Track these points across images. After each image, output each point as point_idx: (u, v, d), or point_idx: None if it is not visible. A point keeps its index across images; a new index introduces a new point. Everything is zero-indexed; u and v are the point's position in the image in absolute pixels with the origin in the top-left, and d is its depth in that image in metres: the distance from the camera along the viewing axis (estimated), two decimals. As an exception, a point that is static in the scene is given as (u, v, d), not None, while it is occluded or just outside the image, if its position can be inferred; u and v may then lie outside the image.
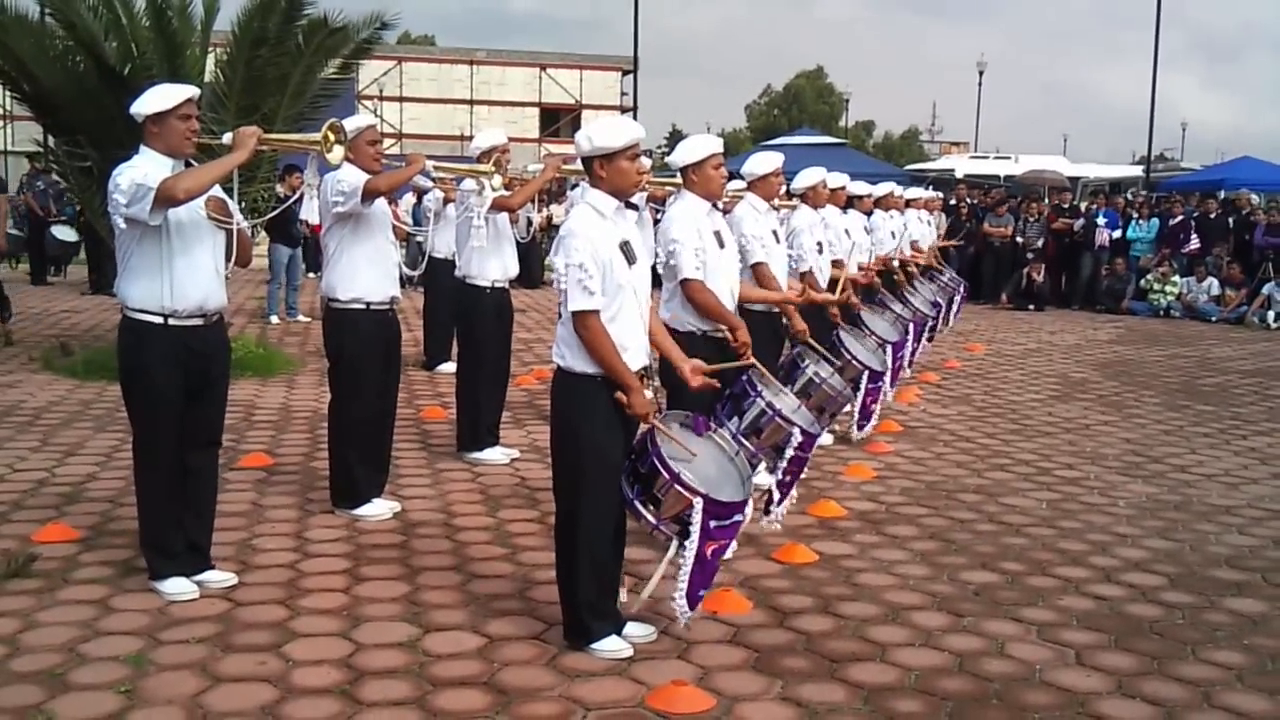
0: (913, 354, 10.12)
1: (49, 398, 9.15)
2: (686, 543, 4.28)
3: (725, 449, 4.69)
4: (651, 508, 4.33)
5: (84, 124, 10.03)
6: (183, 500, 5.01)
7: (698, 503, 4.24)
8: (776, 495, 5.54)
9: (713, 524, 4.26)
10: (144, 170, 4.66)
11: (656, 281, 5.27)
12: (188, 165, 4.87)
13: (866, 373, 7.80)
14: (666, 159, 8.93)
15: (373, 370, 6.13)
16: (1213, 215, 19.15)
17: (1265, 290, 17.18)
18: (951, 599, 5.18)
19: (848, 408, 7.49)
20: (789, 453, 5.46)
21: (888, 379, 8.36)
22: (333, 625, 4.70)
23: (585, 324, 4.28)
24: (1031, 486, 7.19)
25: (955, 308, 13.91)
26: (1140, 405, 10.13)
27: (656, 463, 4.26)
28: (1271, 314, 16.90)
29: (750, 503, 4.57)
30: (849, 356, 7.69)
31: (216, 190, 4.82)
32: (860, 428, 8.07)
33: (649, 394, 4.46)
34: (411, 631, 4.65)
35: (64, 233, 18.51)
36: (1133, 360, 13.10)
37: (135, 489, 5.05)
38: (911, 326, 9.90)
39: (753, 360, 5.54)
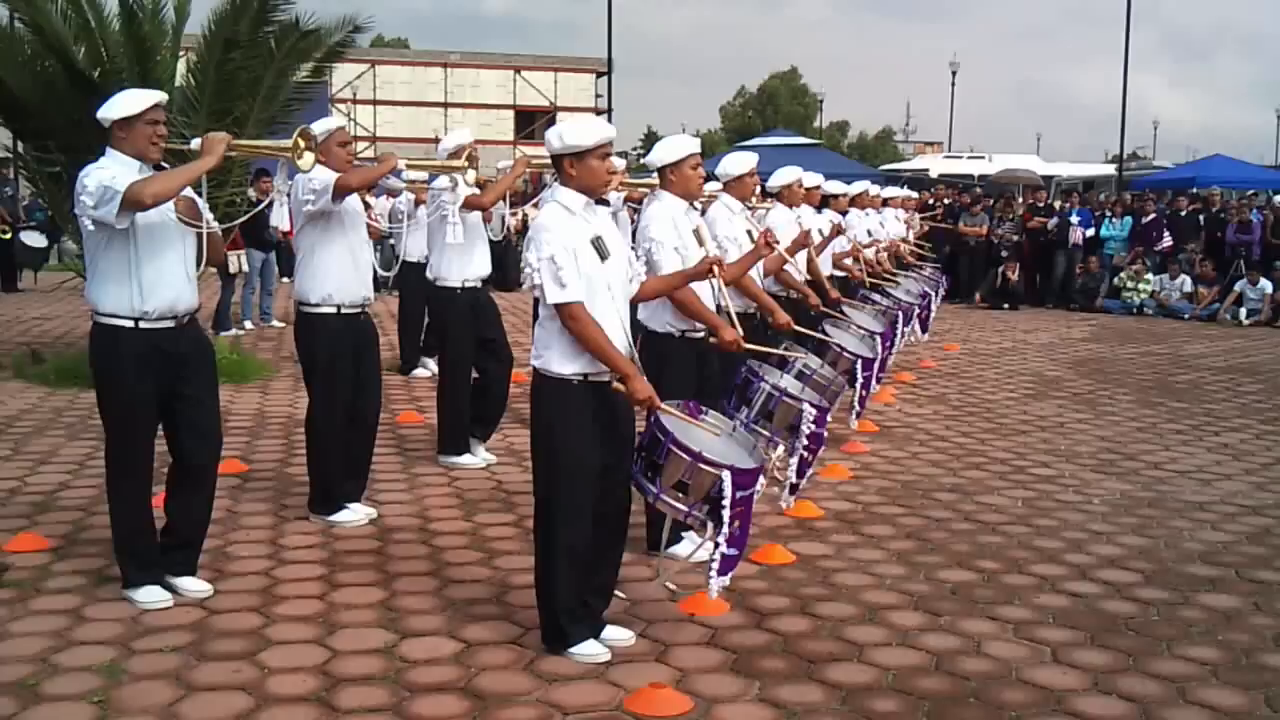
0: (898, 343, 10.23)
1: (20, 406, 9.07)
2: (721, 518, 4.29)
3: (721, 428, 4.70)
4: (679, 495, 4.32)
5: (53, 129, 9.94)
6: (175, 497, 5.01)
7: (726, 475, 4.24)
8: (794, 477, 5.70)
9: (739, 494, 4.26)
10: (111, 172, 4.62)
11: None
12: (157, 169, 4.83)
13: (860, 360, 7.82)
14: (642, 160, 8.93)
15: (345, 374, 6.09)
16: (1183, 213, 19.29)
17: (1237, 287, 17.31)
18: (928, 598, 5.19)
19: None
20: (805, 429, 5.52)
21: (875, 368, 8.42)
22: (308, 632, 4.67)
23: (571, 315, 4.26)
24: (1007, 485, 7.22)
25: (936, 299, 13.97)
26: (1114, 403, 10.18)
27: (674, 448, 4.26)
28: (1244, 311, 17.04)
29: (764, 470, 4.59)
30: (838, 349, 7.72)
31: (186, 190, 4.79)
32: (858, 416, 8.22)
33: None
34: (388, 637, 4.63)
35: (33, 239, 18.35)
36: (1106, 358, 13.18)
37: (108, 496, 5.01)
38: (900, 315, 9.97)
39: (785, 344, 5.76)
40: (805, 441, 5.62)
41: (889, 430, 8.74)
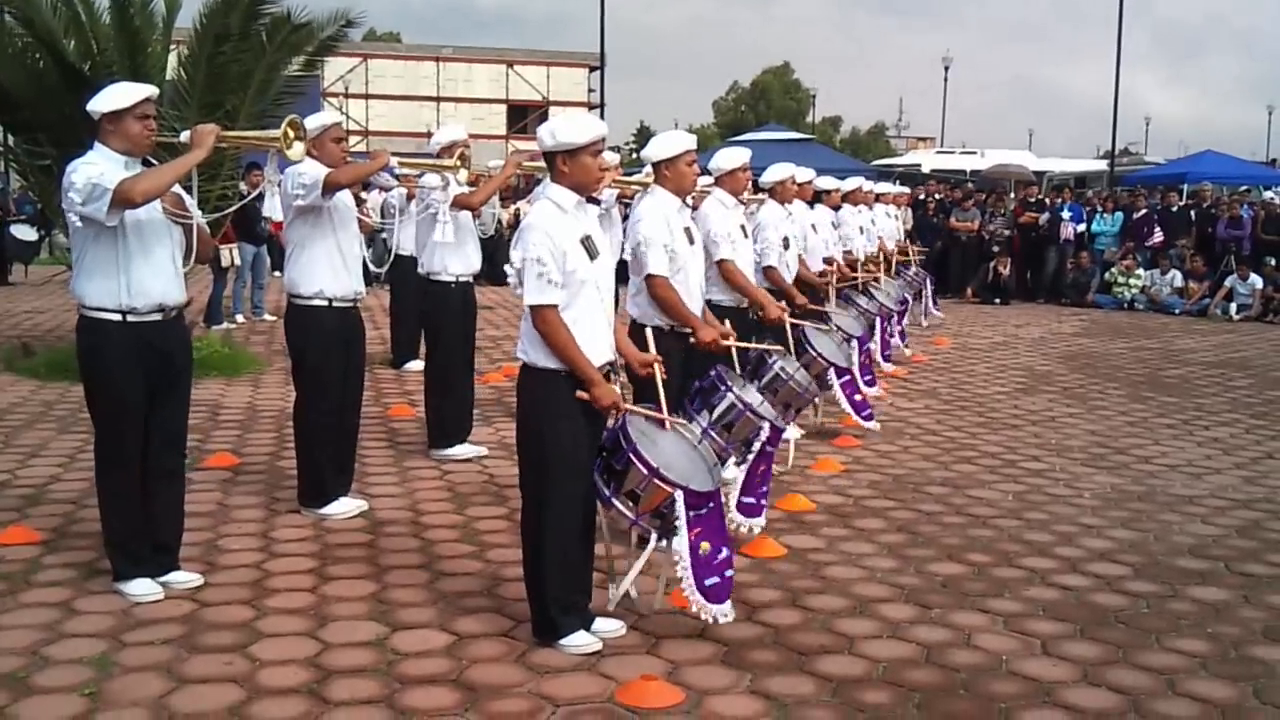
0: (885, 347, 10.22)
1: (10, 399, 9.05)
2: (676, 540, 4.28)
3: (688, 438, 4.69)
4: (630, 503, 4.32)
5: (43, 122, 9.92)
6: (149, 501, 4.96)
7: (679, 495, 4.24)
8: (749, 500, 5.56)
9: (692, 514, 4.26)
10: (100, 168, 4.60)
11: (623, 278, 5.27)
12: (145, 163, 4.82)
13: (831, 369, 7.83)
14: (635, 155, 8.92)
15: (336, 367, 6.09)
16: (1174, 209, 19.33)
17: (1228, 282, 17.36)
18: (919, 591, 5.20)
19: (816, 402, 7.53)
20: (756, 446, 5.49)
21: (856, 373, 8.39)
22: (300, 625, 4.67)
23: (543, 318, 4.28)
24: (998, 479, 7.24)
25: (926, 302, 14.01)
26: (1105, 397, 10.21)
27: (633, 458, 4.26)
28: (1234, 306, 17.08)
29: (721, 492, 4.57)
30: (814, 352, 7.70)
31: (174, 185, 4.78)
32: (864, 422, 8.18)
33: (615, 388, 4.46)
34: (379, 630, 4.63)
35: (24, 232, 18.30)
36: (1097, 353, 13.21)
37: (98, 490, 5.01)
38: (878, 321, 9.97)
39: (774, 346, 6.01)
40: (753, 457, 5.55)
41: (880, 424, 8.75)
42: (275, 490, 6.59)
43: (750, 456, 5.48)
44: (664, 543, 4.40)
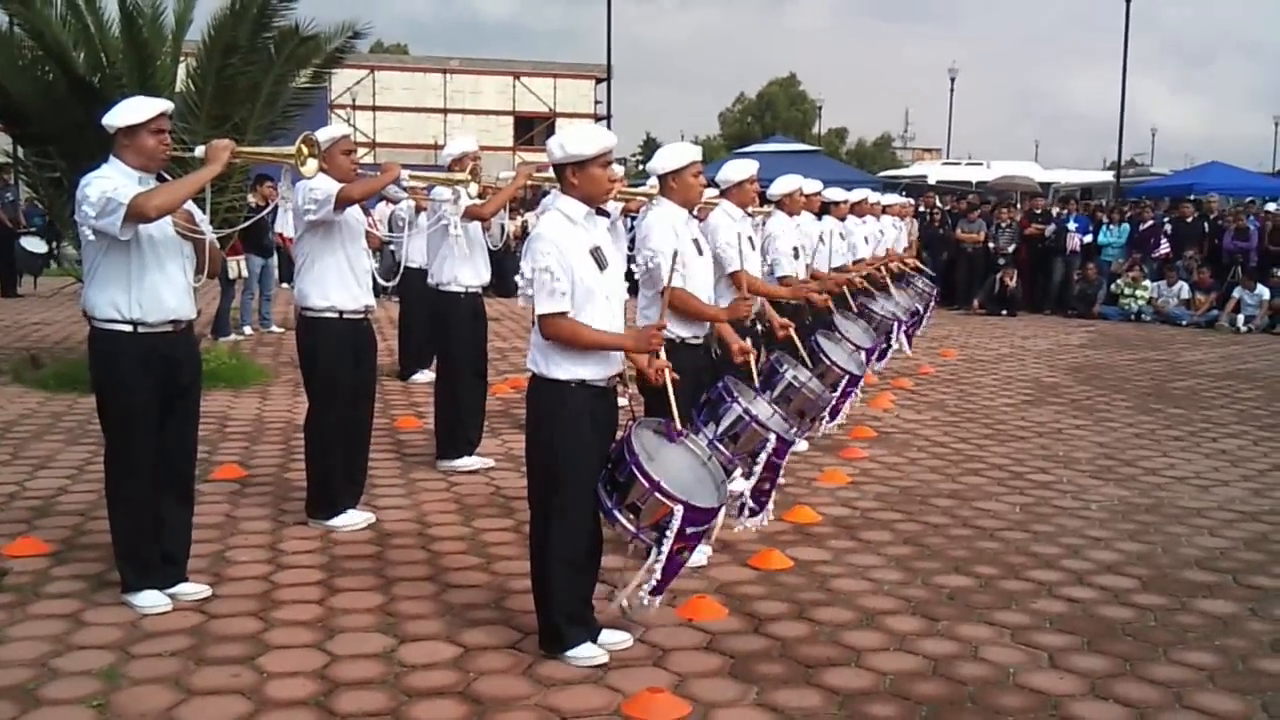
0: (882, 356, 10.20)
1: (19, 410, 9.07)
2: (662, 545, 4.28)
3: (698, 454, 4.70)
4: (631, 516, 4.33)
5: (53, 134, 9.96)
6: (158, 513, 4.98)
7: (678, 510, 4.24)
8: (752, 504, 5.56)
9: (689, 530, 4.27)
10: (114, 183, 4.63)
11: (631, 291, 5.26)
12: (159, 178, 4.84)
13: (847, 377, 7.82)
14: (641, 167, 8.95)
15: (346, 379, 6.12)
16: (1189, 220, 19.31)
17: (1236, 294, 17.34)
18: (926, 603, 5.20)
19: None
20: (762, 457, 5.48)
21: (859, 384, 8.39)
22: (307, 637, 4.68)
23: (555, 326, 4.29)
24: (1004, 491, 7.23)
25: (926, 313, 14.01)
26: (1112, 409, 10.20)
27: (635, 471, 4.26)
28: (1241, 318, 17.06)
29: (723, 509, 4.57)
30: (828, 361, 7.70)
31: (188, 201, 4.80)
32: (829, 420, 8.10)
33: (623, 401, 4.46)
34: (386, 642, 4.63)
35: (33, 244, 18.34)
36: (1104, 364, 13.19)
37: (108, 501, 5.02)
38: (896, 326, 9.98)
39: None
40: (760, 469, 5.54)
41: (887, 436, 8.76)
42: (283, 502, 6.60)
43: (757, 469, 5.48)
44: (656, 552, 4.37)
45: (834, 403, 7.89)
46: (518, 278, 4.42)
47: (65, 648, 4.52)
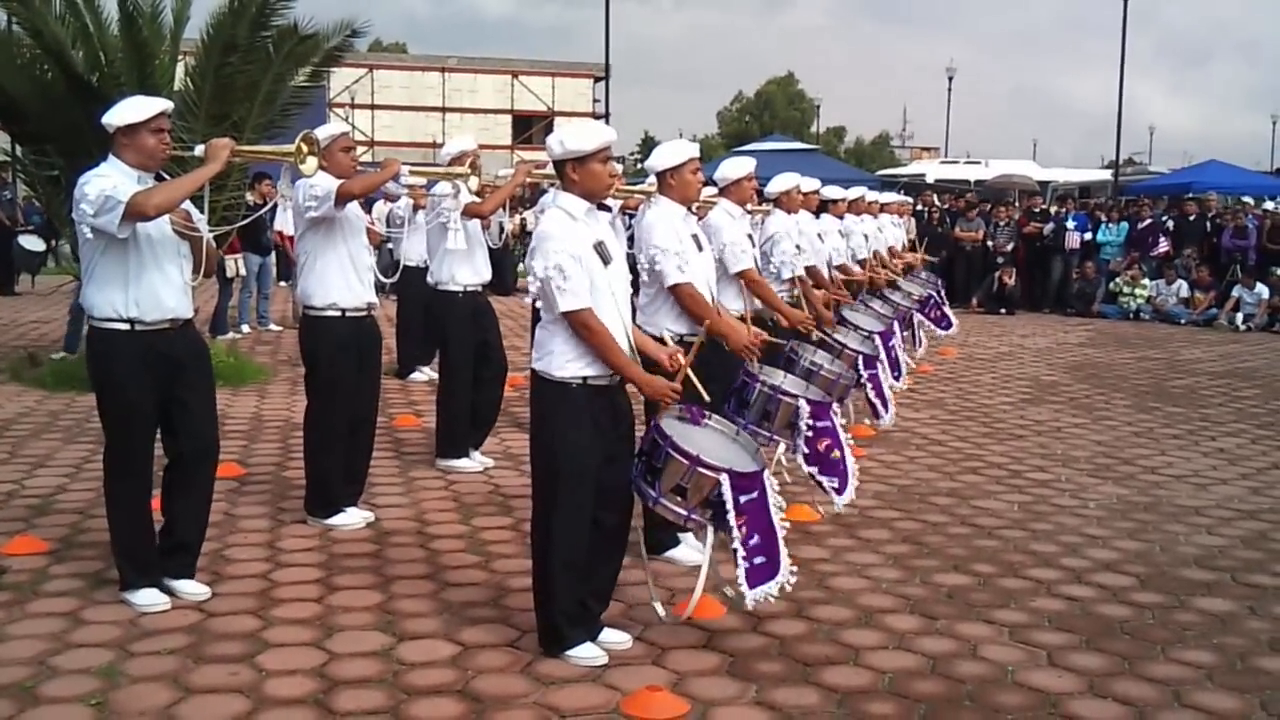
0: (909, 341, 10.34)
1: (17, 409, 9.07)
2: (725, 525, 4.29)
3: (725, 432, 4.72)
4: (678, 499, 4.33)
5: (51, 133, 9.95)
6: (173, 500, 5.01)
7: (724, 479, 4.25)
8: (831, 482, 5.83)
9: (742, 499, 4.27)
10: (113, 181, 4.62)
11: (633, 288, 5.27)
12: (158, 177, 4.84)
13: (861, 358, 7.92)
14: (640, 165, 8.96)
15: (348, 377, 6.11)
16: (1191, 218, 19.31)
17: (1235, 292, 17.35)
18: (924, 601, 5.20)
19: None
20: (802, 425, 5.56)
21: (885, 368, 8.53)
22: (306, 635, 4.68)
23: (583, 323, 4.28)
24: (1003, 489, 7.24)
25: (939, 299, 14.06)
26: (1110, 407, 10.20)
27: (672, 452, 4.27)
28: (1239, 316, 17.07)
29: (768, 473, 4.57)
30: (840, 345, 7.82)
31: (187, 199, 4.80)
32: (880, 416, 8.37)
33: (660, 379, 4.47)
34: (385, 640, 4.63)
35: (31, 242, 18.32)
36: (1103, 363, 13.20)
37: (106, 498, 5.01)
38: (896, 321, 10.03)
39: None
40: (807, 435, 5.67)
41: (886, 434, 8.75)
42: (281, 500, 6.60)
43: (800, 440, 5.56)
44: (722, 532, 4.39)
45: (873, 394, 8.10)
46: (529, 279, 4.41)
47: (64, 646, 4.52)
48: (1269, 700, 4.25)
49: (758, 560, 4.39)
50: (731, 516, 4.28)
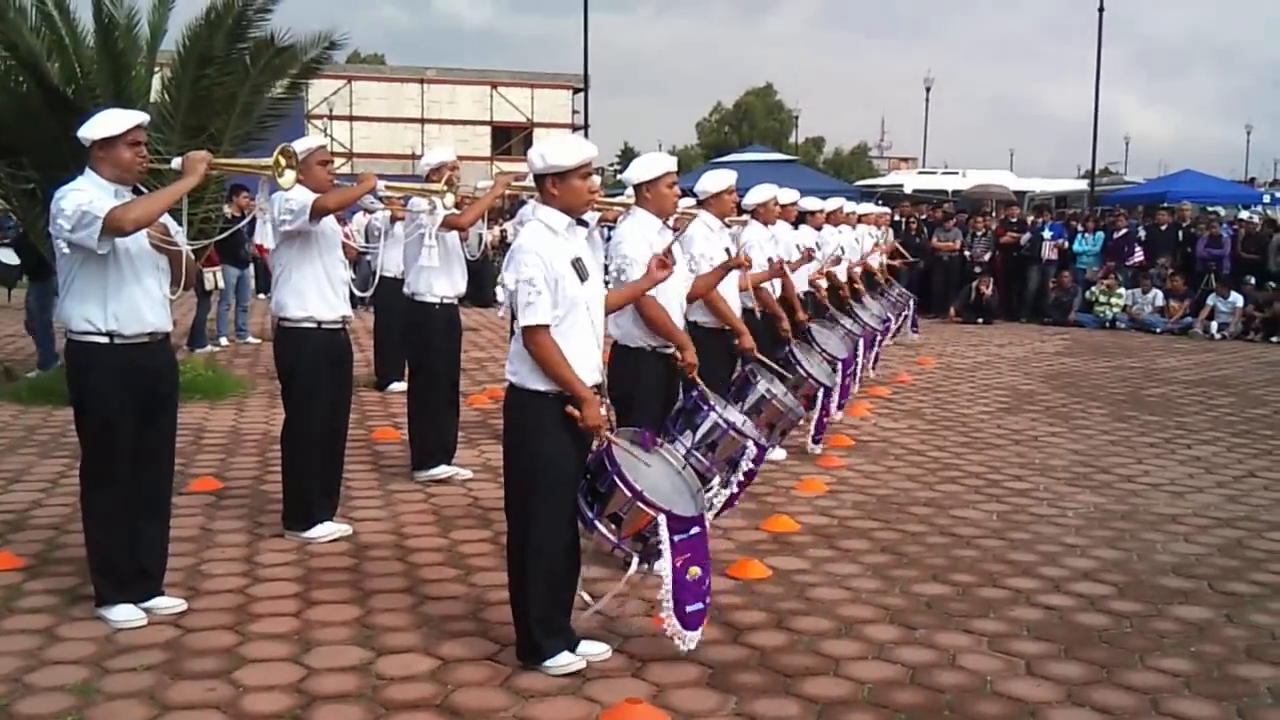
0: (860, 370, 10.22)
1: (-8, 423, 9.00)
2: (660, 564, 4.28)
3: (673, 463, 4.71)
4: (612, 526, 4.33)
5: (27, 146, 9.88)
6: (135, 525, 4.94)
7: (661, 519, 4.25)
8: (719, 507, 5.60)
9: (676, 538, 4.27)
10: (89, 195, 4.60)
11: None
12: (135, 191, 4.82)
13: (822, 389, 7.90)
14: (619, 176, 8.97)
15: (324, 389, 6.09)
16: (1164, 227, 19.46)
17: (1209, 301, 17.47)
18: (903, 612, 5.21)
19: (801, 423, 7.53)
20: (744, 465, 5.51)
21: (835, 395, 8.44)
22: (283, 650, 4.65)
23: (535, 339, 4.28)
24: (981, 498, 7.26)
25: (911, 321, 14.09)
26: (1087, 416, 10.25)
27: (617, 481, 4.26)
28: (1214, 325, 17.19)
29: (705, 517, 4.57)
30: (804, 372, 7.76)
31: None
32: (816, 441, 8.16)
33: (602, 411, 4.46)
34: (363, 655, 4.61)
35: (6, 255, 18.17)
36: (1079, 372, 13.27)
37: (82, 513, 4.98)
38: (861, 342, 10.02)
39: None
40: (741, 478, 5.60)
41: (864, 444, 8.78)
42: (259, 514, 6.56)
43: (735, 479, 5.50)
44: (645, 566, 4.40)
45: (818, 419, 8.01)
46: (498, 288, 4.41)
47: (39, 663, 4.48)
48: (1246, 708, 4.28)
49: (690, 608, 4.36)
50: (667, 555, 4.24)
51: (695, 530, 4.39)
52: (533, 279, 4.26)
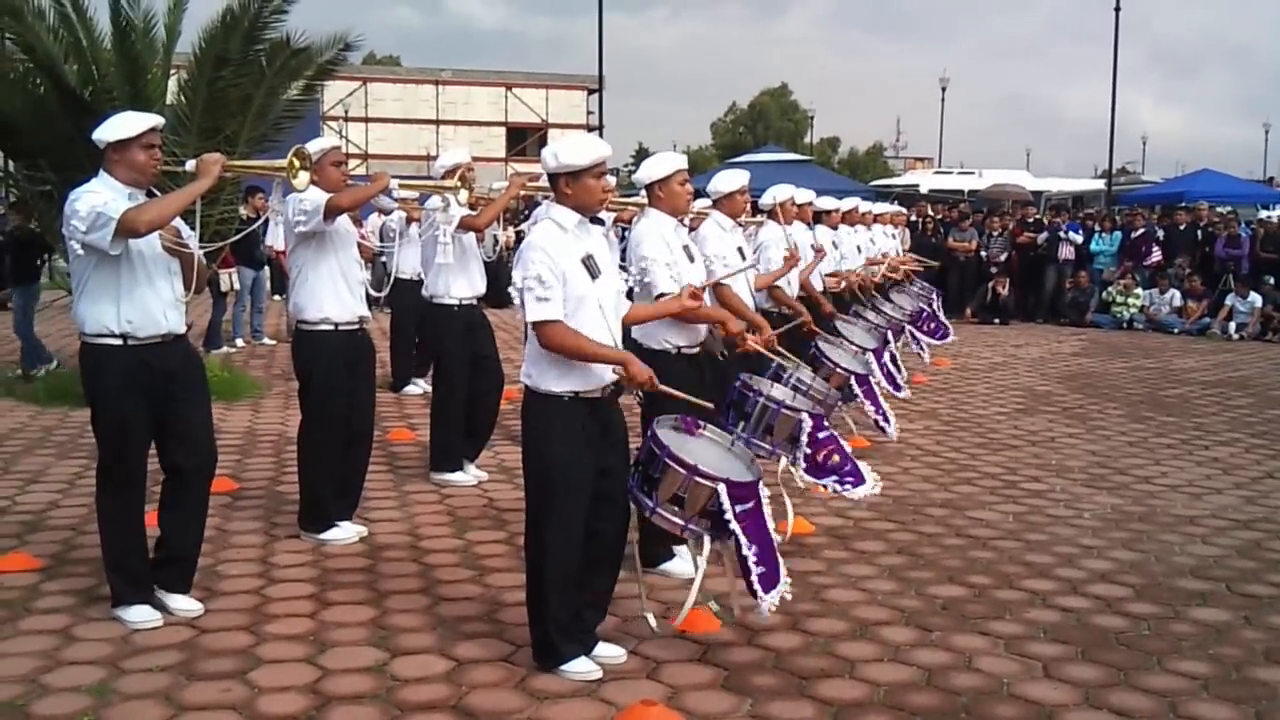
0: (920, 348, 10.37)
1: (10, 425, 9.04)
2: (729, 538, 4.32)
3: (720, 442, 4.73)
4: (675, 509, 4.33)
5: (44, 147, 9.93)
6: (169, 515, 4.99)
7: (721, 489, 4.26)
8: (843, 484, 5.93)
9: (738, 508, 4.28)
10: (104, 197, 4.62)
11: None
12: (149, 193, 4.83)
13: (853, 377, 7.95)
14: (633, 177, 8.98)
15: (341, 391, 6.10)
16: (1182, 227, 19.36)
17: (1228, 301, 17.37)
18: (919, 613, 5.19)
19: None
20: (803, 438, 5.58)
21: (879, 379, 8.59)
22: (299, 651, 4.66)
23: (548, 333, 4.27)
24: (998, 500, 7.23)
25: (938, 327, 14.10)
26: (1104, 417, 10.21)
27: (670, 462, 4.28)
28: (1232, 325, 17.10)
29: (761, 482, 4.58)
30: (831, 364, 7.82)
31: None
32: (884, 431, 8.54)
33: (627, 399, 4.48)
34: (379, 656, 4.62)
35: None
36: (1096, 372, 13.21)
37: (98, 512, 5.00)
38: (890, 333, 10.07)
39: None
40: (807, 450, 5.70)
41: (880, 446, 8.75)
42: (275, 515, 6.58)
43: (800, 453, 5.58)
44: (718, 543, 4.41)
45: (875, 406, 8.17)
46: (511, 288, 4.42)
47: (55, 663, 4.49)
48: (1264, 711, 4.25)
49: (759, 571, 4.39)
50: (734, 524, 4.28)
51: (753, 503, 4.42)
52: (540, 275, 4.26)
